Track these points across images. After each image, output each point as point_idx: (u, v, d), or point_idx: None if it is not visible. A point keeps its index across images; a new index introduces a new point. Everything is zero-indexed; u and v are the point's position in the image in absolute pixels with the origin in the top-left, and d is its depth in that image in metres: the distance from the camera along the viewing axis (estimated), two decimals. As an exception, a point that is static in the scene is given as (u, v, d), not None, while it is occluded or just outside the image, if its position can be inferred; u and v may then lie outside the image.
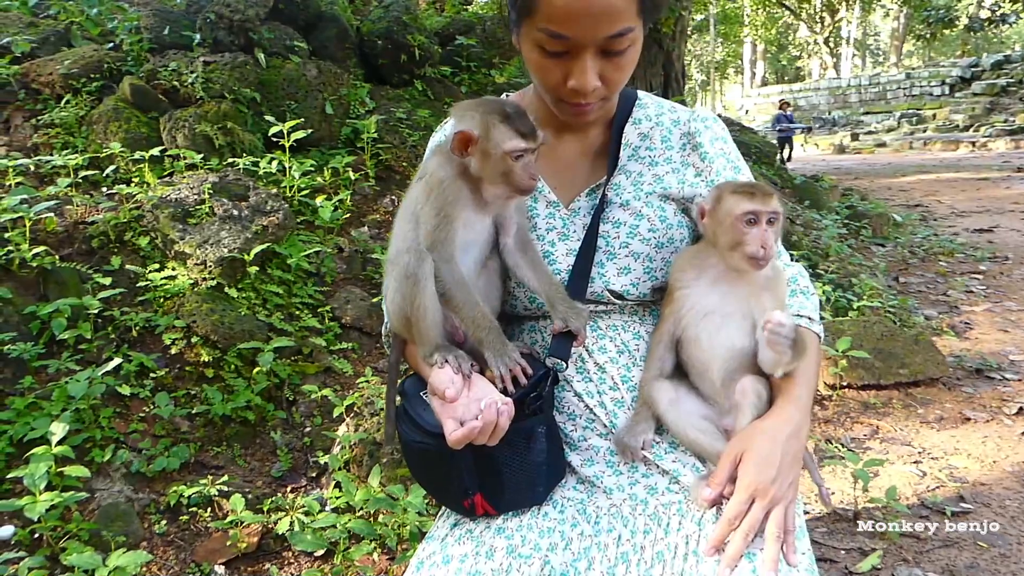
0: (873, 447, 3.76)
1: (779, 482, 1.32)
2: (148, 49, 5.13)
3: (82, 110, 4.70)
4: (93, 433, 3.03)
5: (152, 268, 3.69)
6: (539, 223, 1.58)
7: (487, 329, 1.41)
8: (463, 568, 1.38)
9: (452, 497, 1.48)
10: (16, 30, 5.25)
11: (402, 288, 1.43)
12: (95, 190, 4.26)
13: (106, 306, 3.50)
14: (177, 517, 2.91)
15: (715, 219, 1.42)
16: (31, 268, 3.53)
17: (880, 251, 7.89)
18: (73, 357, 3.27)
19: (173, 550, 2.79)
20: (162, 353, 3.45)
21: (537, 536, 1.43)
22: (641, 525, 1.44)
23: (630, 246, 1.52)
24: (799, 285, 1.58)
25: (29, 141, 4.59)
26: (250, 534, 2.83)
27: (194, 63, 4.83)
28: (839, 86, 36.28)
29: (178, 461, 3.07)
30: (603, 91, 1.43)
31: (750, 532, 1.30)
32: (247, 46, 5.19)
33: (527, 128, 1.39)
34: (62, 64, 4.82)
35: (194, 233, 3.72)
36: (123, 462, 3.01)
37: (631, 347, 1.53)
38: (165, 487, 3.00)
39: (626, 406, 1.50)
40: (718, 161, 1.58)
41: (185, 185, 3.96)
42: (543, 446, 1.46)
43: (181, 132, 4.52)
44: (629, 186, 1.57)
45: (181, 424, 3.28)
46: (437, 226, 1.42)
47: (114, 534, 2.74)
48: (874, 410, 4.15)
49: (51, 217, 3.78)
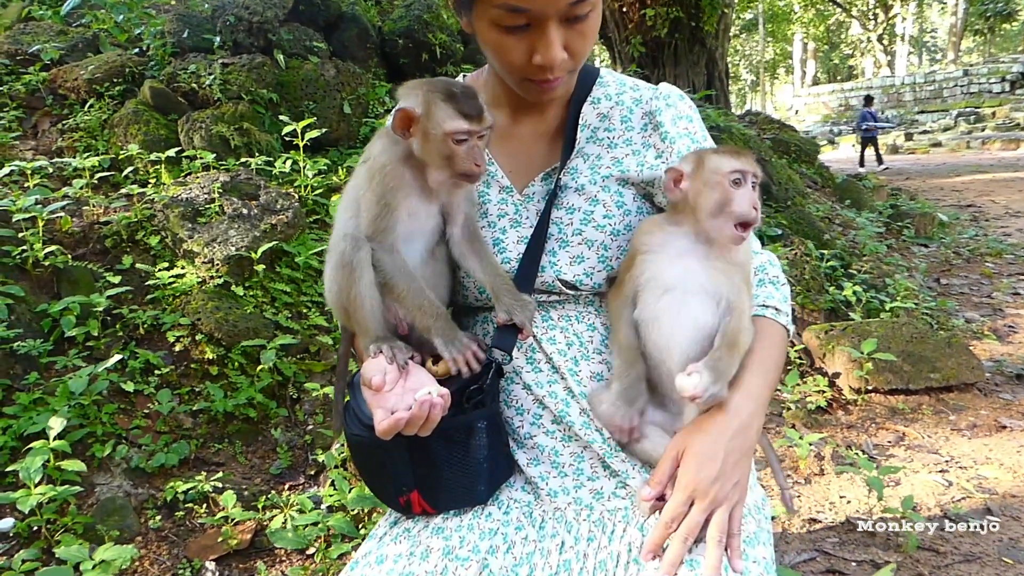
0: (897, 454, 3.60)
1: (721, 482, 1.23)
2: (171, 53, 5.20)
3: (105, 114, 4.79)
4: (95, 428, 3.05)
5: (162, 267, 3.72)
6: (491, 209, 1.51)
7: (434, 316, 1.35)
8: (396, 569, 1.33)
9: (388, 493, 1.43)
10: (47, 38, 5.38)
11: (338, 277, 1.38)
12: (114, 191, 4.33)
13: (116, 304, 3.53)
14: (173, 513, 2.91)
15: (698, 181, 1.31)
16: (45, 267, 3.59)
17: (922, 252, 7.62)
18: (81, 354, 3.31)
19: (166, 545, 2.79)
20: (168, 351, 3.47)
21: (477, 538, 1.37)
22: (585, 532, 1.36)
23: (583, 233, 1.44)
24: (768, 274, 1.48)
25: (54, 145, 4.69)
26: (243, 531, 2.82)
27: (213, 65, 4.88)
28: (892, 84, 35.34)
29: (177, 457, 3.08)
30: (569, 63, 1.34)
31: (689, 536, 1.21)
32: (267, 48, 5.23)
33: (472, 109, 1.30)
34: (87, 69, 4.92)
35: (203, 232, 3.74)
36: (123, 457, 3.02)
37: (584, 338, 1.46)
38: (164, 483, 3.01)
39: (575, 397, 1.42)
40: (681, 141, 1.47)
41: (196, 185, 3.99)
42: (484, 442, 1.39)
43: (198, 133, 4.57)
44: (586, 170, 1.48)
45: (184, 420, 3.29)
46: (378, 215, 1.36)
47: (108, 528, 2.75)
48: (901, 416, 3.97)
49: (66, 217, 3.84)
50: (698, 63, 14.40)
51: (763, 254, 1.52)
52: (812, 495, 3.21)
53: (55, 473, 2.74)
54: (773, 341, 1.39)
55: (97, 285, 3.58)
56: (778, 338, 1.41)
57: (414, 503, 1.40)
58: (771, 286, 1.46)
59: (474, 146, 1.32)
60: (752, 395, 1.30)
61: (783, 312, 1.43)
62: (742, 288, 1.33)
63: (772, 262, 1.51)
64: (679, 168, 1.34)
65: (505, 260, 1.47)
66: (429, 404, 1.24)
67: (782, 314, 1.43)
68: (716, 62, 14.73)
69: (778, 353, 1.40)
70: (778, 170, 6.33)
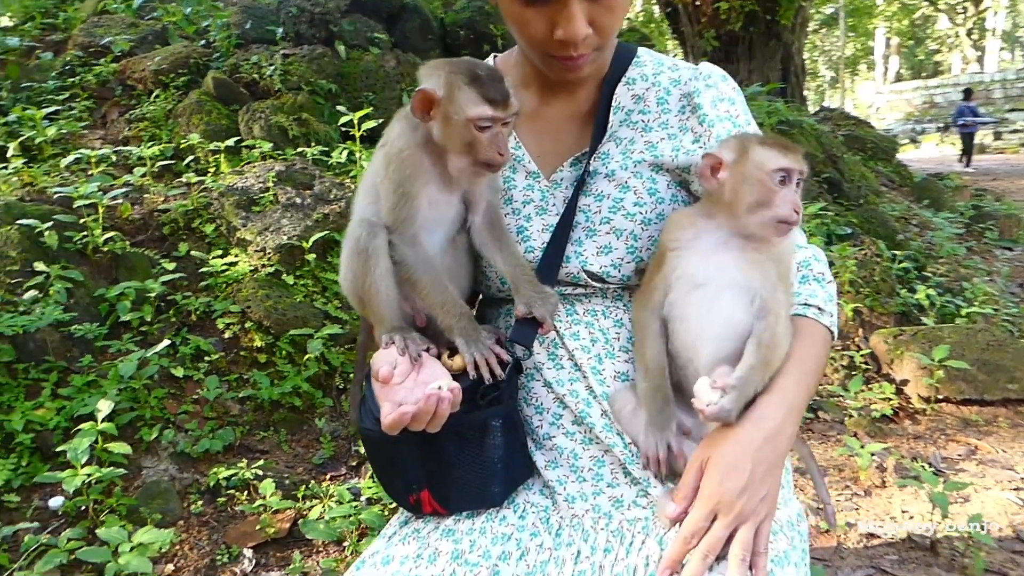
0: (967, 469, 3.38)
1: (748, 495, 1.12)
2: (235, 44, 5.28)
3: (169, 104, 4.88)
4: (144, 412, 3.10)
5: (215, 254, 3.76)
6: (516, 195, 1.43)
7: (457, 315, 1.28)
8: (401, 571, 1.27)
9: (398, 491, 1.37)
10: (119, 30, 5.53)
11: (353, 265, 1.32)
12: (175, 180, 4.41)
13: (171, 290, 3.58)
14: (215, 498, 2.93)
15: (738, 174, 1.20)
16: (104, 253, 3.66)
17: (1005, 255, 7.20)
18: (134, 339, 3.36)
19: (207, 530, 2.81)
20: (219, 337, 3.51)
21: (489, 542, 1.30)
22: (602, 542, 1.28)
23: (612, 222, 1.35)
24: (812, 270, 1.36)
25: (121, 134, 4.81)
26: (282, 520, 2.82)
27: (274, 56, 4.93)
28: (982, 81, 33.77)
29: (222, 443, 3.10)
30: (595, 39, 1.26)
31: (709, 553, 1.11)
32: (328, 39, 5.26)
33: (497, 94, 1.22)
34: (153, 61, 5.03)
35: (256, 220, 3.77)
36: (170, 441, 3.06)
37: (610, 335, 1.37)
38: (208, 468, 3.03)
39: (596, 398, 1.34)
40: (721, 125, 1.36)
41: (252, 174, 4.02)
42: (499, 441, 1.32)
43: (258, 123, 4.62)
44: (618, 154, 1.39)
45: (231, 407, 3.31)
46: (397, 203, 1.29)
47: (152, 511, 2.78)
48: (974, 428, 3.74)
49: (126, 204, 3.92)
50: (773, 58, 13.97)
51: (808, 248, 1.40)
52: (872, 508, 3.04)
53: (103, 455, 2.78)
54: (813, 343, 1.28)
55: (153, 271, 3.64)
56: (819, 340, 1.29)
57: (424, 502, 1.33)
58: (815, 283, 1.35)
59: (498, 133, 1.23)
60: (785, 401, 1.19)
61: (826, 312, 1.31)
62: (778, 285, 1.22)
63: (817, 257, 1.39)
64: (718, 155, 1.22)
65: (529, 249, 1.39)
66: (436, 399, 1.17)
67: (825, 314, 1.31)
68: (792, 57, 14.27)
69: (818, 357, 1.28)
70: (850, 167, 6.07)
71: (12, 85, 5.13)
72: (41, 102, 4.95)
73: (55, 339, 3.22)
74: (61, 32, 6.02)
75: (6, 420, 2.89)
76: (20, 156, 4.31)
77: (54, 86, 5.15)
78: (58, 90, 5.11)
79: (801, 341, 1.25)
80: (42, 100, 4.99)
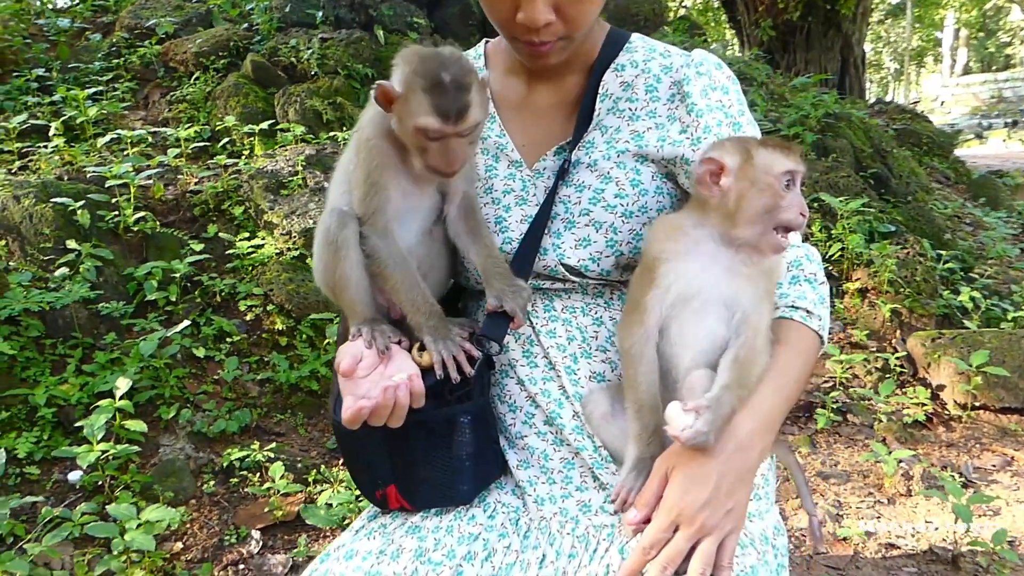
0: (1001, 480, 3.24)
1: (711, 508, 1.07)
2: (276, 28, 5.32)
3: (209, 86, 4.94)
4: (163, 391, 3.15)
5: (243, 236, 3.80)
6: (497, 184, 1.39)
7: (427, 313, 1.25)
8: (363, 566, 1.24)
9: (364, 486, 1.35)
10: (164, 13, 5.61)
11: (324, 256, 1.29)
12: (210, 162, 4.46)
13: (197, 271, 3.63)
14: (228, 479, 2.96)
15: (745, 179, 1.12)
16: (135, 232, 3.73)
17: (1064, 258, 6.89)
18: (159, 318, 3.42)
19: (217, 510, 2.84)
20: (241, 319, 3.54)
21: (455, 541, 1.27)
22: (567, 547, 1.24)
23: (591, 213, 1.30)
24: (804, 271, 1.29)
25: (161, 116, 4.88)
26: (291, 503, 2.83)
27: (312, 40, 4.94)
28: (1055, 75, 32.34)
29: (238, 424, 3.13)
30: (560, 28, 1.22)
31: (669, 565, 1.07)
32: (367, 23, 5.26)
33: (452, 106, 1.14)
34: (195, 43, 5.09)
35: (283, 204, 3.79)
36: (187, 420, 3.10)
37: (587, 333, 1.32)
38: (223, 449, 3.07)
39: (569, 399, 1.29)
40: (711, 115, 1.30)
41: (283, 157, 4.05)
42: (467, 438, 1.29)
43: (293, 107, 4.64)
44: (602, 144, 1.34)
45: (251, 389, 3.35)
46: (367, 194, 1.25)
47: (165, 489, 2.82)
48: (1012, 438, 3.59)
49: (159, 185, 3.98)
50: (832, 48, 13.57)
51: (800, 247, 1.33)
52: (894, 517, 2.93)
53: (120, 431, 2.83)
54: (797, 349, 1.21)
55: (181, 252, 3.69)
56: (804, 345, 1.22)
57: (391, 498, 1.31)
58: (806, 284, 1.27)
59: (448, 145, 1.17)
60: (758, 412, 1.13)
61: (815, 315, 1.24)
62: (763, 300, 1.16)
63: (810, 256, 1.31)
64: (720, 159, 1.13)
65: (507, 240, 1.35)
66: (394, 391, 1.14)
67: (814, 317, 1.24)
68: (852, 48, 13.84)
69: (802, 363, 1.21)
70: (899, 162, 5.86)
71: (61, 65, 5.25)
72: (87, 83, 5.05)
73: (83, 316, 3.29)
74: (111, 14, 6.14)
75: (30, 394, 2.96)
76: (62, 135, 4.41)
77: (100, 67, 5.25)
78: (103, 71, 5.22)
79: (782, 347, 1.19)
80: (88, 81, 5.10)
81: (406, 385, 1.15)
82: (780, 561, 1.26)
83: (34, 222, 3.53)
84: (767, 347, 1.16)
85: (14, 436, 2.89)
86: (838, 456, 3.33)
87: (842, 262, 4.40)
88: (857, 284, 4.31)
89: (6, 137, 4.37)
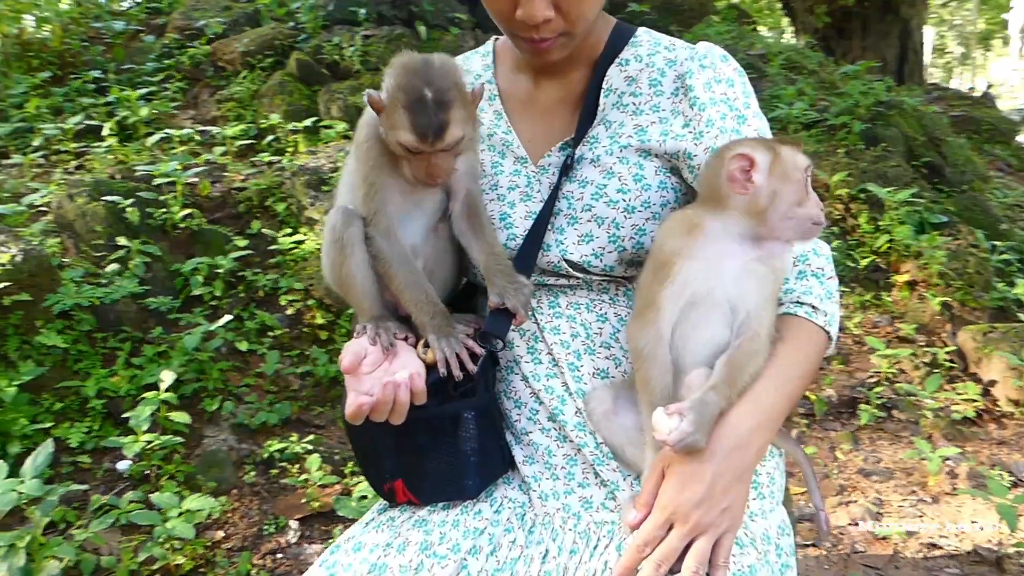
0: (1054, 480, 3.13)
1: (706, 506, 1.07)
2: (321, 26, 5.40)
3: (255, 85, 5.05)
4: (207, 384, 3.24)
5: (285, 232, 3.88)
6: (502, 181, 1.40)
7: (430, 313, 1.27)
8: (370, 559, 1.27)
9: (373, 479, 1.38)
10: (213, 13, 5.74)
11: (330, 254, 1.33)
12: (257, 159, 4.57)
13: (242, 266, 3.72)
14: (268, 470, 3.04)
15: (776, 175, 1.11)
16: (182, 229, 3.84)
17: None
18: (204, 312, 3.52)
19: (257, 500, 2.92)
20: (283, 314, 3.62)
21: (460, 535, 1.28)
22: (569, 543, 1.25)
23: (593, 209, 1.30)
24: (811, 265, 1.27)
25: (210, 114, 5.01)
26: (328, 495, 2.89)
27: (355, 37, 5.01)
28: None
29: (278, 417, 3.21)
30: (560, 24, 1.23)
31: (663, 562, 1.06)
32: (409, 19, 5.31)
33: (429, 126, 1.16)
34: (242, 43, 5.21)
35: (324, 199, 3.86)
36: (230, 412, 3.19)
37: (592, 330, 1.32)
38: (264, 440, 3.15)
39: (571, 395, 1.30)
40: (714, 109, 1.28)
41: (324, 154, 4.12)
42: (472, 434, 1.30)
43: (336, 104, 4.72)
44: (606, 139, 1.34)
45: (292, 382, 3.42)
46: (367, 194, 1.29)
47: (207, 479, 2.91)
48: (1069, 435, 3.46)
49: (205, 183, 4.09)
50: (890, 34, 13.15)
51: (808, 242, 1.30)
52: (938, 516, 2.85)
53: (166, 423, 2.93)
54: (800, 346, 1.19)
55: (226, 248, 3.79)
56: (809, 342, 1.21)
57: (398, 492, 1.33)
58: (813, 279, 1.25)
59: (428, 161, 1.20)
60: (758, 410, 1.12)
61: (821, 311, 1.22)
62: (767, 302, 1.15)
63: (818, 250, 1.29)
64: (751, 155, 1.11)
65: (511, 236, 1.36)
66: (393, 387, 1.17)
67: (819, 313, 1.22)
68: (911, 33, 13.38)
69: (804, 359, 1.20)
70: (954, 150, 5.66)
71: (116, 67, 5.42)
72: (139, 83, 5.21)
73: (132, 311, 3.41)
74: (164, 15, 6.31)
75: (82, 386, 3.08)
76: (115, 135, 4.56)
77: (152, 68, 5.41)
78: (155, 72, 5.37)
79: (785, 344, 1.17)
80: (140, 81, 5.26)
81: (406, 384, 1.17)
82: (785, 561, 1.24)
83: (87, 220, 3.66)
84: (765, 348, 1.15)
85: (67, 426, 3.01)
86: (881, 453, 3.26)
87: (890, 254, 4.29)
88: (906, 277, 4.19)
89: (63, 137, 4.54)
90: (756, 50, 6.56)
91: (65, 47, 5.50)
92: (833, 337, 1.24)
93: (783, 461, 1.37)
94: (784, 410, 1.16)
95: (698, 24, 6.52)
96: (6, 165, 4.43)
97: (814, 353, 1.22)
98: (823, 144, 4.99)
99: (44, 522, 2.37)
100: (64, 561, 2.41)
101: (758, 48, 6.65)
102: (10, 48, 5.40)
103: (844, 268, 4.26)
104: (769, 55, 6.35)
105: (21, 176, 4.28)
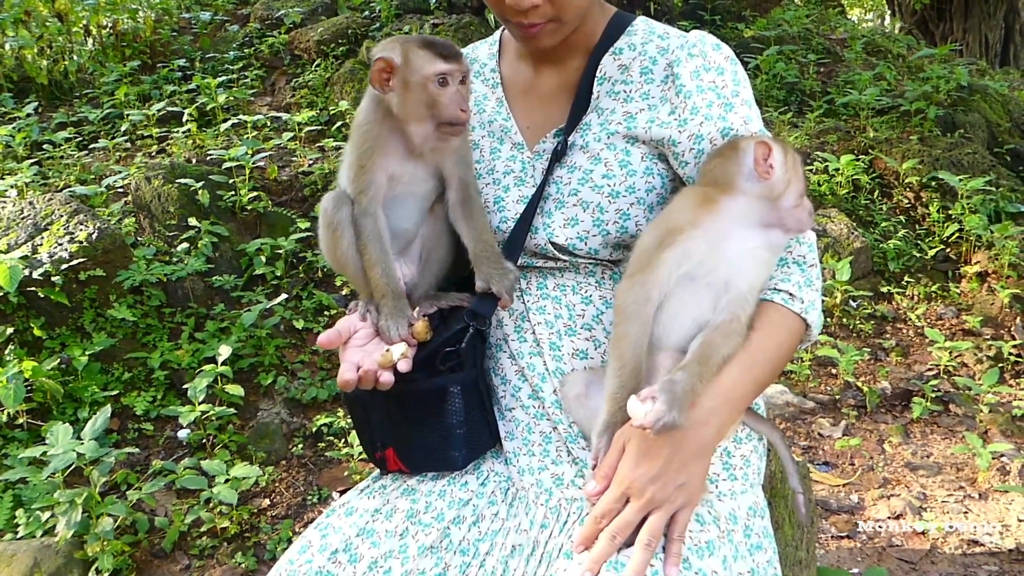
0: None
1: (662, 482, 1.09)
2: (395, 14, 5.51)
3: (328, 72, 5.21)
4: (263, 359, 3.39)
5: (345, 215, 3.99)
6: (498, 166, 1.45)
7: (384, 292, 1.34)
8: (359, 523, 1.34)
9: (366, 445, 1.45)
10: (293, 3, 5.94)
11: (324, 236, 1.42)
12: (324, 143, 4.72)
13: (304, 248, 3.87)
14: (316, 443, 3.16)
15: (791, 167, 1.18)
16: (250, 211, 4.01)
17: None
18: (266, 291, 3.67)
19: (304, 472, 3.04)
20: (339, 294, 3.75)
21: (445, 505, 1.34)
22: (540, 517, 1.29)
23: (579, 194, 1.33)
24: (792, 252, 1.26)
25: (285, 101, 5.20)
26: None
27: (424, 25, 5.09)
28: None
29: (328, 393, 3.33)
30: (549, 10, 1.25)
31: (618, 534, 1.10)
32: (479, 8, 5.35)
33: (450, 51, 1.30)
34: (317, 32, 5.37)
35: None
36: (284, 387, 3.33)
37: (575, 311, 1.35)
38: (314, 415, 3.28)
39: (550, 374, 1.33)
40: (700, 96, 1.29)
41: (385, 140, 4.21)
42: (458, 407, 1.36)
43: (401, 91, 4.81)
44: (596, 126, 1.36)
45: (345, 360, 3.54)
46: (355, 175, 1.37)
47: (258, 449, 3.06)
48: None
49: (273, 167, 4.25)
50: (994, 15, 12.40)
51: None
52: (983, 513, 2.73)
53: (222, 395, 3.08)
54: (773, 332, 1.19)
55: (290, 230, 3.94)
56: (782, 328, 1.20)
57: (389, 460, 1.40)
58: (794, 266, 1.24)
59: (457, 90, 1.30)
60: (721, 392, 1.13)
61: (798, 298, 1.21)
62: (754, 290, 1.18)
63: (801, 239, 1.27)
64: (768, 143, 1.16)
65: (503, 220, 1.40)
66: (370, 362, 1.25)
67: (796, 300, 1.21)
68: (1018, 12, 12.60)
69: (776, 345, 1.19)
70: (1045, 137, 5.35)
71: (201, 56, 5.69)
72: (221, 71, 5.45)
73: (199, 288, 3.59)
74: (249, 6, 6.56)
75: (148, 357, 3.27)
76: (195, 120, 4.79)
77: (234, 56, 5.64)
78: (236, 60, 5.60)
79: (757, 330, 1.17)
80: (222, 69, 5.49)
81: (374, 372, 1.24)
82: (755, 542, 1.25)
83: (162, 201, 3.87)
84: (742, 333, 1.16)
85: (134, 395, 3.21)
86: (932, 448, 3.13)
87: (960, 244, 4.10)
88: (976, 268, 3.99)
89: (147, 123, 4.80)
90: (838, 34, 6.31)
91: (156, 37, 5.79)
92: (813, 324, 1.22)
93: (762, 445, 1.36)
94: (749, 393, 1.17)
95: (773, 8, 6.32)
96: (95, 149, 4.72)
97: (787, 340, 1.21)
98: (896, 131, 4.79)
99: (100, 481, 2.55)
100: (119, 519, 2.59)
101: (840, 33, 6.40)
102: (105, 38, 5.73)
103: (910, 258, 4.10)
104: (850, 39, 6.11)
105: (107, 159, 4.55)
